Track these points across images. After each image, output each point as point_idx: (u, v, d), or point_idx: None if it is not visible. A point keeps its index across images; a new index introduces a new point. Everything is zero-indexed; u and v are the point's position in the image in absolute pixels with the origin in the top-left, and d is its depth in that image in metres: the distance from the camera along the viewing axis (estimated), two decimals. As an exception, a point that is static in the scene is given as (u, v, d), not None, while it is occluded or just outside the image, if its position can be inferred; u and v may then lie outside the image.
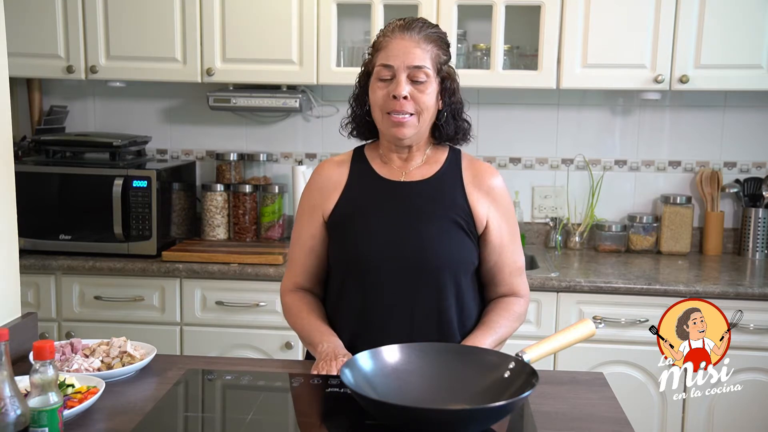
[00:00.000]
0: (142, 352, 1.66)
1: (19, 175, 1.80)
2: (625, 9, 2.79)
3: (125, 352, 1.64)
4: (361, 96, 1.72)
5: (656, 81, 2.80)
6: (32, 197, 2.85)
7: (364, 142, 1.80)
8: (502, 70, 2.87)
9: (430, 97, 1.64)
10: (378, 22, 2.85)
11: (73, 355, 1.62)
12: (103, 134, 3.14)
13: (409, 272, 1.65)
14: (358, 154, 1.77)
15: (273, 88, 3.04)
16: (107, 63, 2.97)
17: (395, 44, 1.62)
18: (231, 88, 3.07)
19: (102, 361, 1.61)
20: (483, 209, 1.70)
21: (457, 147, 1.77)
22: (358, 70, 3.14)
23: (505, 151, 3.25)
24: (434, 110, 1.67)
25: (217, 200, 3.15)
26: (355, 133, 1.77)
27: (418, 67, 1.61)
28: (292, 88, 3.06)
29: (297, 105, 2.98)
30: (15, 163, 1.79)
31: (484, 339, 1.64)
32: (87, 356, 1.62)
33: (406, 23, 1.64)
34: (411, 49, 1.61)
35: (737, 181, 3.16)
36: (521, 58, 3.01)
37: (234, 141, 3.31)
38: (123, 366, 1.59)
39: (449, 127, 1.70)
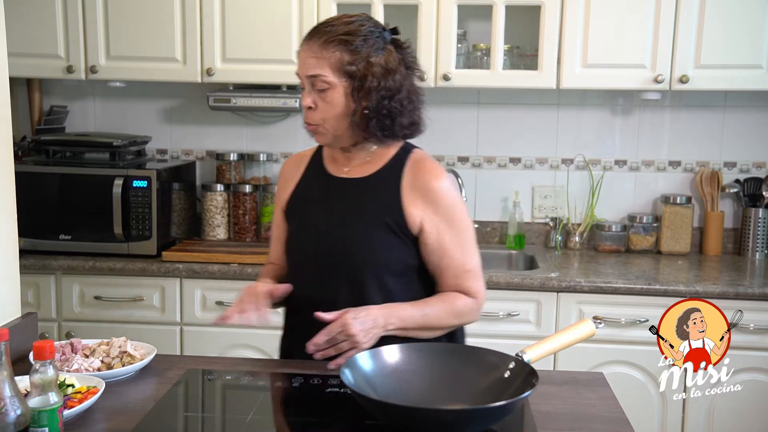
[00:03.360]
0: (142, 352, 1.66)
1: (19, 175, 1.80)
2: (625, 9, 2.79)
3: (125, 352, 1.64)
4: None
5: (656, 81, 2.80)
6: (32, 197, 2.85)
7: None
8: (502, 70, 2.87)
9: (333, 104, 1.62)
10: (378, 22, 2.85)
11: (73, 355, 1.62)
12: (103, 134, 3.14)
13: (333, 269, 1.69)
14: (318, 149, 1.83)
15: (273, 88, 3.04)
16: (107, 63, 2.97)
17: (300, 55, 1.66)
18: (231, 88, 3.07)
19: (102, 361, 1.61)
20: (417, 212, 1.67)
21: (413, 145, 1.76)
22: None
23: (505, 151, 3.25)
24: (346, 112, 1.63)
25: (217, 200, 3.15)
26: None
27: (314, 76, 1.62)
28: (292, 88, 3.06)
29: (297, 105, 2.98)
30: (15, 163, 1.79)
31: (404, 307, 1.63)
32: (87, 356, 1.62)
33: (312, 31, 1.66)
34: (307, 59, 1.63)
35: (737, 181, 3.16)
36: (521, 58, 3.01)
37: (234, 141, 3.31)
38: (123, 366, 1.59)
39: (375, 125, 1.64)
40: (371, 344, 1.57)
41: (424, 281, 1.73)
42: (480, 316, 2.73)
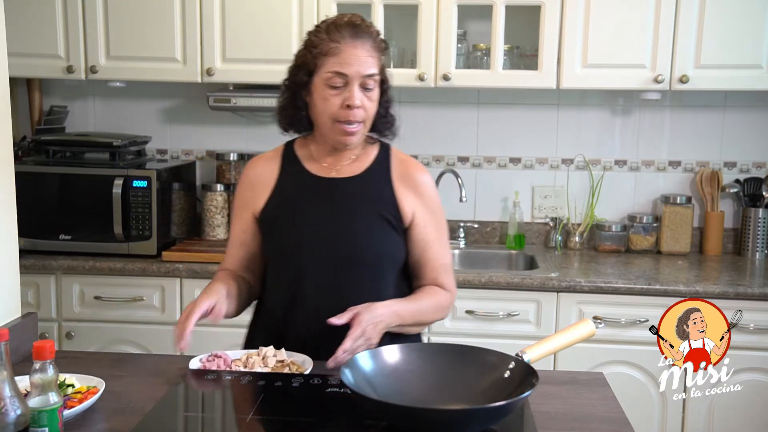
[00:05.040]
0: (298, 362, 1.64)
1: (19, 175, 1.80)
2: (625, 9, 2.79)
3: (281, 361, 1.63)
4: (295, 91, 1.72)
5: (656, 81, 2.80)
6: (32, 197, 2.85)
7: (295, 137, 1.84)
8: (502, 70, 2.87)
9: (376, 102, 1.69)
10: (378, 22, 2.85)
11: (239, 367, 1.61)
12: (103, 134, 3.14)
13: (335, 266, 1.69)
14: (288, 151, 1.82)
15: (273, 88, 3.03)
16: (107, 63, 2.97)
17: (349, 52, 1.63)
18: (231, 88, 3.07)
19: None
20: (409, 204, 1.73)
21: (387, 142, 1.81)
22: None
23: (505, 151, 3.25)
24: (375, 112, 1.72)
25: (217, 200, 3.15)
26: (291, 129, 1.80)
27: (370, 76, 1.65)
28: (292, 88, 3.05)
29: (297, 105, 2.98)
30: (15, 163, 1.79)
31: (402, 303, 1.68)
32: (245, 366, 1.61)
33: (356, 30, 1.65)
34: (365, 58, 1.63)
35: (737, 181, 3.16)
36: (521, 58, 3.01)
37: (234, 141, 3.31)
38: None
39: (382, 122, 1.75)
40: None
41: (407, 275, 1.79)
42: (481, 315, 2.74)
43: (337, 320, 1.57)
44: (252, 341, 1.83)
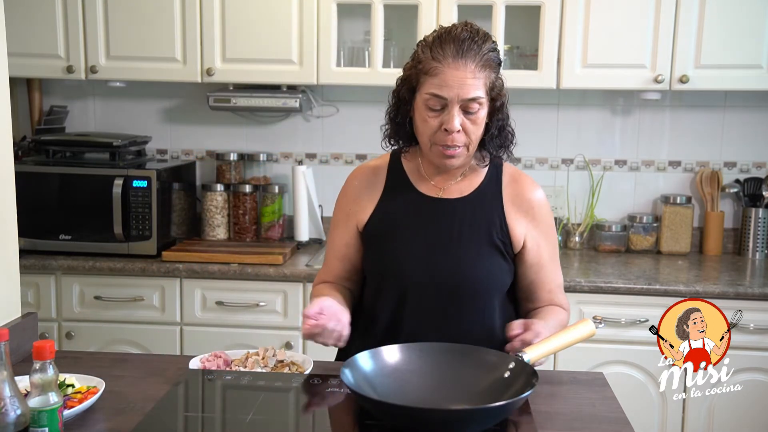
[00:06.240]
0: (299, 362, 1.63)
1: (19, 175, 1.80)
2: (625, 9, 2.79)
3: (281, 361, 1.62)
4: (400, 107, 1.63)
5: (656, 81, 2.80)
6: (32, 197, 2.85)
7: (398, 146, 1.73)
8: (502, 70, 2.86)
9: (481, 125, 1.58)
10: (378, 22, 2.85)
11: (239, 368, 1.60)
12: (103, 134, 3.14)
13: (442, 294, 1.62)
14: (395, 162, 1.72)
15: (273, 88, 3.04)
16: (107, 63, 2.97)
17: (449, 74, 1.51)
18: (231, 88, 3.07)
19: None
20: (521, 229, 1.65)
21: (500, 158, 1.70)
22: (358, 69, 3.13)
23: (505, 151, 3.25)
24: (482, 132, 1.60)
25: (217, 200, 3.15)
26: (393, 142, 1.69)
27: (473, 99, 1.53)
28: (292, 88, 3.06)
29: (297, 105, 2.98)
30: (15, 163, 1.79)
31: (544, 323, 1.58)
32: (245, 367, 1.60)
33: (460, 47, 1.52)
34: (466, 80, 1.51)
35: (737, 181, 3.16)
36: (521, 58, 3.01)
37: (234, 141, 3.31)
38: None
39: (495, 142, 1.64)
40: None
41: (513, 299, 1.73)
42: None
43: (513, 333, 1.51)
44: (346, 354, 1.64)
